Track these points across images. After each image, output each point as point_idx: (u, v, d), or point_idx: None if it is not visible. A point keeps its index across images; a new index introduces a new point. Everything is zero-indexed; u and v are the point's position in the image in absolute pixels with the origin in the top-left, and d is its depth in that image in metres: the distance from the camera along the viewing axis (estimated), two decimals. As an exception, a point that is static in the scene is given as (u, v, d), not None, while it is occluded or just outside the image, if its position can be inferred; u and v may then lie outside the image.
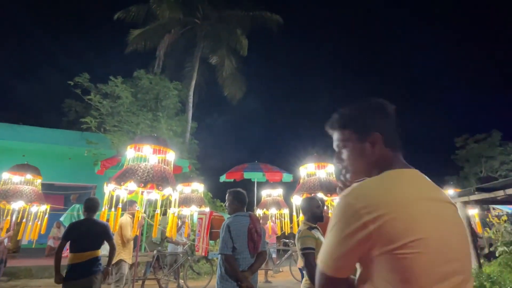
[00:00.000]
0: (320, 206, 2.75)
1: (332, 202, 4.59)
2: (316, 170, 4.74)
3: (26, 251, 9.40)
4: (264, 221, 7.66)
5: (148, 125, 10.21)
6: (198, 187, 6.22)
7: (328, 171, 4.74)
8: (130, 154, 3.71)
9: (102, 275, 3.45)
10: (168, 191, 3.63)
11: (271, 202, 7.49)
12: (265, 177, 9.22)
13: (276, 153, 29.47)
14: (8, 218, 4.91)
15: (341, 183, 0.98)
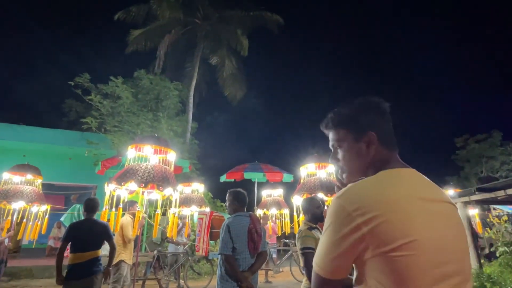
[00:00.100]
0: (320, 206, 2.75)
1: (333, 203, 4.57)
2: (316, 170, 4.75)
3: (26, 251, 9.42)
4: (265, 221, 7.67)
5: (148, 125, 10.22)
6: (198, 187, 6.24)
7: (328, 171, 4.74)
8: (131, 154, 3.72)
9: (103, 275, 3.45)
10: (169, 191, 3.63)
11: (272, 202, 7.49)
12: (265, 177, 9.22)
13: (277, 153, 29.48)
14: (9, 218, 4.92)
15: (339, 183, 0.97)
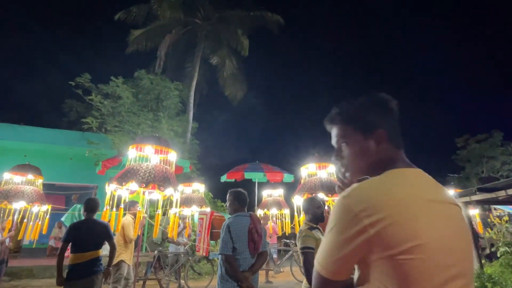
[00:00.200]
0: (321, 207, 2.76)
1: (333, 202, 4.57)
2: (317, 170, 4.75)
3: (27, 251, 9.43)
4: (265, 221, 7.67)
5: (149, 125, 10.22)
6: (199, 187, 6.25)
7: (329, 171, 4.74)
8: (131, 154, 3.72)
9: (103, 275, 3.45)
10: (170, 191, 3.63)
11: (272, 202, 7.50)
12: (266, 177, 9.22)
13: (277, 153, 29.46)
14: (10, 218, 4.93)
15: (340, 182, 0.93)
